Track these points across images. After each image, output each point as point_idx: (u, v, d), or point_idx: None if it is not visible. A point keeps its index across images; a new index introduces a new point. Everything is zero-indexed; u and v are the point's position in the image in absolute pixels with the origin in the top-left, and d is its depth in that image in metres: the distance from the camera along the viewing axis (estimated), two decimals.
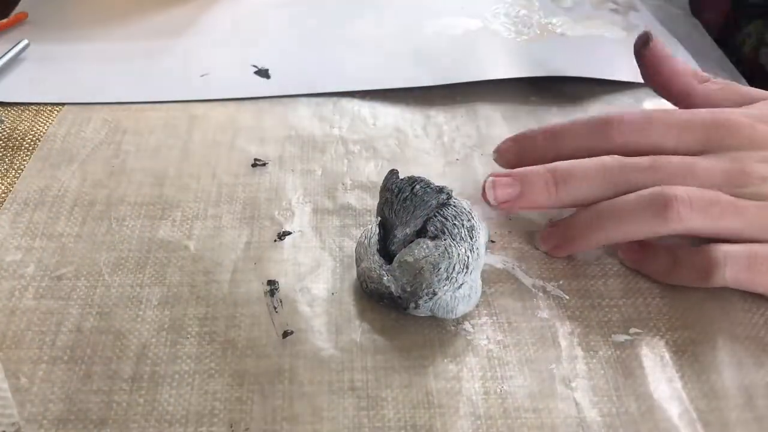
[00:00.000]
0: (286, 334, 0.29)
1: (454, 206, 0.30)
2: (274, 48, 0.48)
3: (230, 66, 0.46)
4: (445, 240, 0.29)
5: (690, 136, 0.32)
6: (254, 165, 0.38)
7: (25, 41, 0.46)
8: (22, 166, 0.38)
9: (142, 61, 0.47)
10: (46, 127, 0.41)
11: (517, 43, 0.48)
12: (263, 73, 0.46)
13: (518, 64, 0.45)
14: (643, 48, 0.36)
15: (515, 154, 0.35)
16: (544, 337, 0.30)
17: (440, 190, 0.30)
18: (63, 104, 0.43)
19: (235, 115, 0.42)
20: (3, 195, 0.36)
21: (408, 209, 0.29)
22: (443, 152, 0.40)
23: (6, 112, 0.42)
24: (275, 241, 0.34)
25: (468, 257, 0.29)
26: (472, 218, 0.30)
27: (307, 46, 0.49)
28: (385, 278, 0.29)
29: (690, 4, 0.55)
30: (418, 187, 0.29)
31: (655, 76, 0.36)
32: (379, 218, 0.30)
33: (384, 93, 0.44)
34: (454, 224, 0.29)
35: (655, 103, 0.42)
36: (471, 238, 0.29)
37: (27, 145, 0.39)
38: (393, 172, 0.30)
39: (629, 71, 0.43)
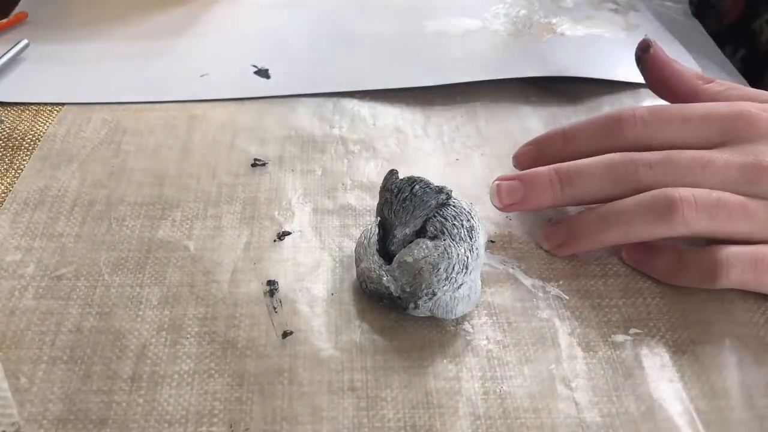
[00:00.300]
0: (285, 335, 0.29)
1: (454, 206, 0.30)
2: (274, 48, 0.48)
3: (230, 66, 0.46)
4: (444, 240, 0.29)
5: (707, 129, 0.32)
6: (254, 165, 0.38)
7: (25, 41, 0.46)
8: (22, 166, 0.38)
9: (142, 61, 0.47)
10: (46, 127, 0.41)
11: (517, 43, 0.48)
12: (263, 73, 0.46)
13: (518, 64, 0.45)
14: (644, 54, 0.36)
15: (532, 158, 0.35)
16: (544, 337, 0.30)
17: (440, 190, 0.30)
18: (63, 104, 0.43)
19: (235, 115, 0.42)
20: (3, 195, 0.36)
21: (407, 209, 0.29)
22: (443, 152, 0.40)
23: (6, 112, 0.42)
24: (275, 241, 0.34)
25: (467, 257, 0.29)
26: (472, 218, 0.30)
27: (307, 46, 0.49)
28: (384, 278, 0.29)
29: None
30: (417, 187, 0.29)
31: (660, 78, 0.36)
32: (379, 218, 0.30)
33: (384, 93, 0.44)
34: (454, 224, 0.29)
35: (656, 103, 0.42)
36: (470, 239, 0.29)
37: (27, 145, 0.39)
38: (393, 172, 0.30)
39: (629, 71, 0.43)
